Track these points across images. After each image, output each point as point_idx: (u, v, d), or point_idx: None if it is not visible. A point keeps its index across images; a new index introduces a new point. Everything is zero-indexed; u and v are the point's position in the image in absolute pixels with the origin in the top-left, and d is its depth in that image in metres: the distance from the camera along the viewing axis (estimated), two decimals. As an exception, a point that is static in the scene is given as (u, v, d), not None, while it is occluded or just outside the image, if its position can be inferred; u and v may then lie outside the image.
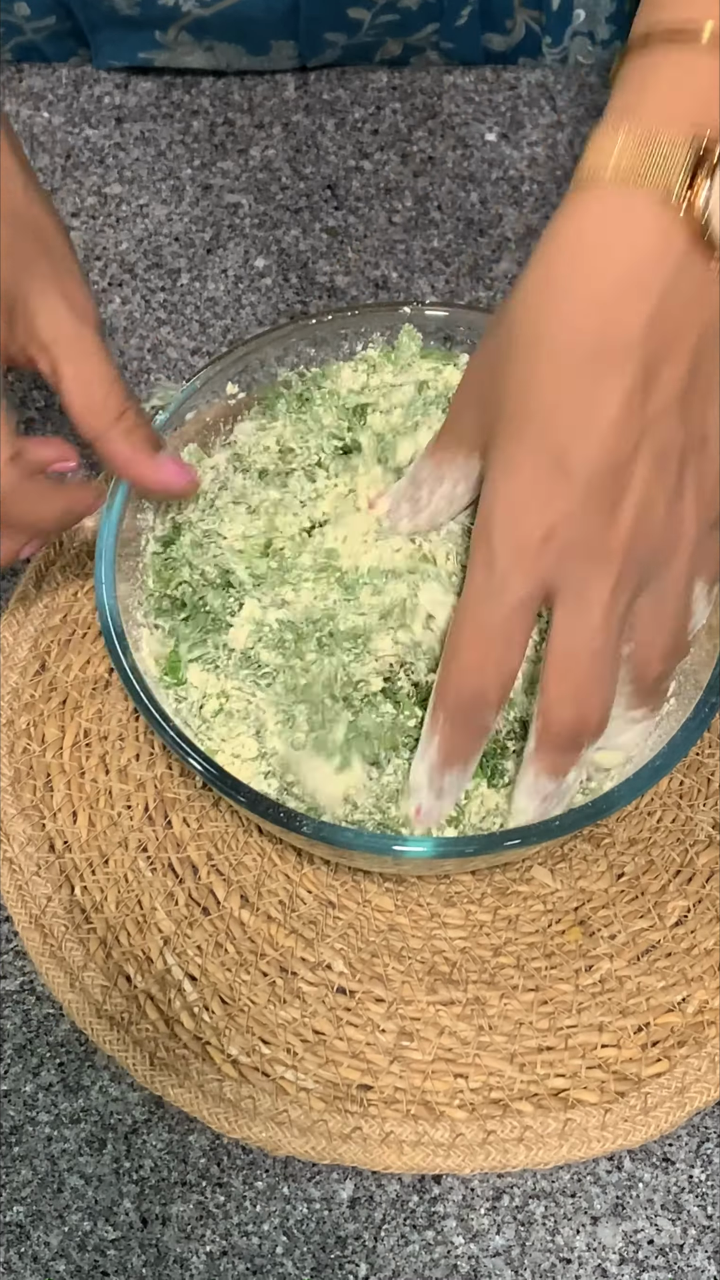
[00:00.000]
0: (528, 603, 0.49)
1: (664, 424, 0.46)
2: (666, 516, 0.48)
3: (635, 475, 0.46)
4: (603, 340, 0.45)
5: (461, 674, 0.51)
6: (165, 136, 0.84)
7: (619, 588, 0.48)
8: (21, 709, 0.65)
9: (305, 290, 0.79)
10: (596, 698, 0.50)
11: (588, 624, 0.48)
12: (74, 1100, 0.58)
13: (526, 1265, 0.55)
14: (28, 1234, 0.55)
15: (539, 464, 0.47)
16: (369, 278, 0.79)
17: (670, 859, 0.62)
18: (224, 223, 0.81)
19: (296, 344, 0.64)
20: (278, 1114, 0.56)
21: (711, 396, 0.47)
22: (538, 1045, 0.58)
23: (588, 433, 0.46)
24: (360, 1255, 0.55)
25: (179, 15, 0.79)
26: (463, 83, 0.87)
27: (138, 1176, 0.56)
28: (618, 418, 0.45)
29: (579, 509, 0.46)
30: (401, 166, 0.84)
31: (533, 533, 0.47)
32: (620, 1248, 0.55)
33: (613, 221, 0.45)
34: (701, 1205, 0.56)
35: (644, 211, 0.44)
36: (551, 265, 0.46)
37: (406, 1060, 0.58)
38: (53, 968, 0.59)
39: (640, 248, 0.44)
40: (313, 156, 0.84)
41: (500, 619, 0.49)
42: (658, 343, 0.45)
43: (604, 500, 0.46)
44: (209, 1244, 0.55)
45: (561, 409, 0.46)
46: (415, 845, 0.52)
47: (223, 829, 0.62)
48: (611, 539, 0.47)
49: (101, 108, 0.85)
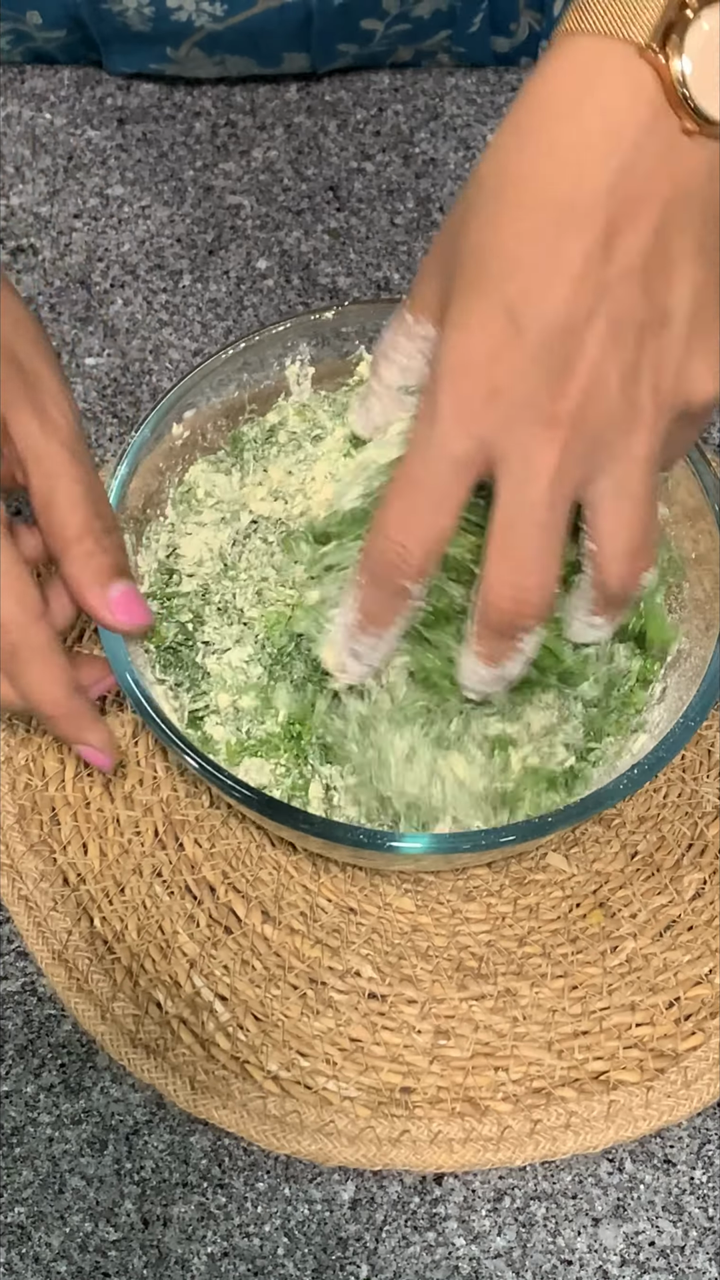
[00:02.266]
0: (465, 463, 0.46)
1: (624, 290, 0.44)
2: (621, 391, 0.45)
3: (589, 339, 0.44)
4: (566, 195, 0.43)
5: (385, 529, 0.48)
6: (167, 138, 0.85)
7: (565, 457, 0.45)
8: (18, 744, 0.64)
9: (307, 292, 0.79)
10: (536, 577, 0.47)
11: (529, 495, 0.46)
12: (75, 1101, 0.58)
13: (528, 1267, 0.55)
14: (29, 1235, 0.55)
15: (491, 317, 0.45)
16: (371, 279, 0.79)
17: (680, 833, 0.63)
18: (226, 224, 0.82)
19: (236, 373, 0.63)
20: (324, 1125, 0.56)
21: (677, 270, 0.44)
22: (573, 1030, 0.58)
23: (543, 288, 0.44)
24: (361, 1256, 0.55)
25: (192, 30, 0.79)
26: (465, 84, 0.87)
27: (139, 1178, 0.56)
28: (575, 275, 0.43)
29: (527, 367, 0.44)
30: (404, 168, 0.84)
31: (476, 388, 0.45)
32: (621, 1249, 0.55)
33: (584, 75, 0.43)
34: (703, 1207, 0.56)
35: (616, 66, 0.43)
36: (521, 120, 0.45)
37: (445, 1059, 0.58)
38: (81, 1001, 0.59)
39: (610, 102, 0.43)
40: (315, 158, 0.84)
41: (432, 475, 0.46)
42: (621, 203, 0.43)
43: (554, 361, 0.44)
44: (210, 1245, 0.55)
45: (519, 262, 0.44)
46: (410, 842, 0.52)
47: (235, 846, 0.62)
48: (559, 403, 0.45)
49: (104, 109, 0.85)
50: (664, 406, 0.46)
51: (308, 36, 0.80)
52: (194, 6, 0.77)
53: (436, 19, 0.82)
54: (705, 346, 0.46)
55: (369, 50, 0.83)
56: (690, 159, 0.43)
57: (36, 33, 0.82)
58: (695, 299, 0.45)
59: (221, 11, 0.78)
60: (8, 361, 0.54)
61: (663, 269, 0.44)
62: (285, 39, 0.81)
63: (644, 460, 0.46)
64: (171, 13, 0.78)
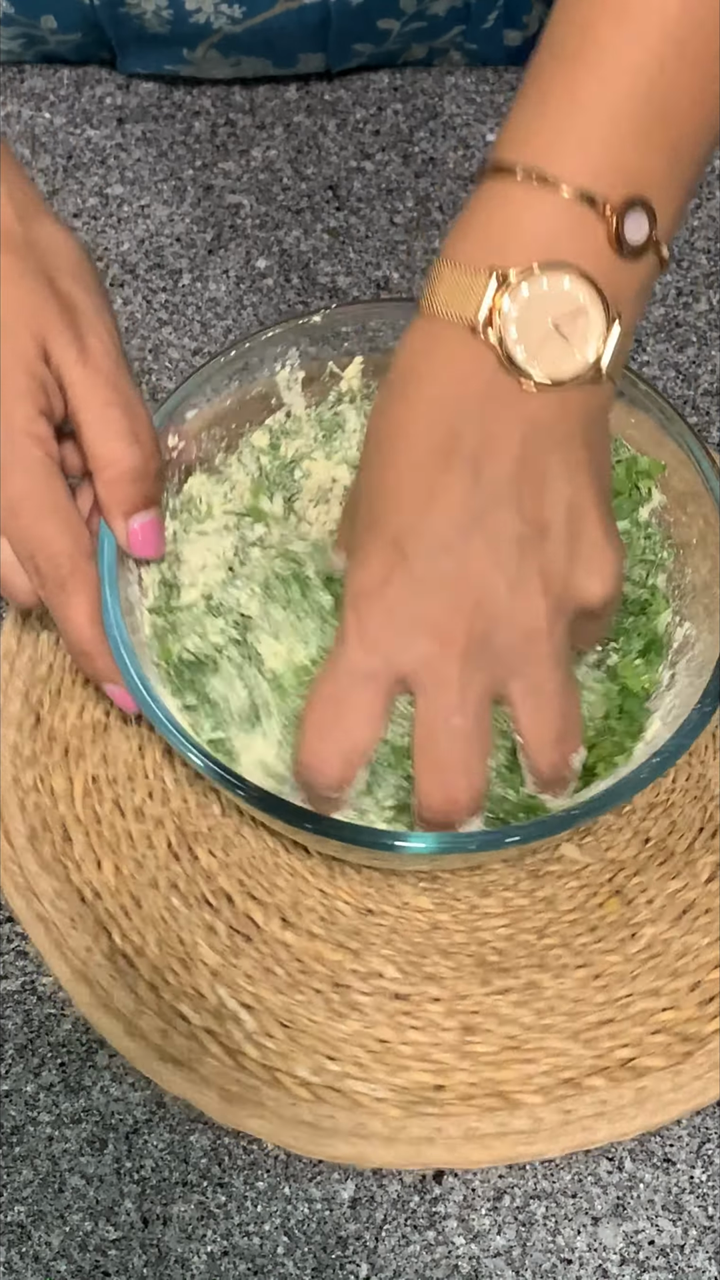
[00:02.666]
0: (371, 677, 0.51)
1: (496, 510, 0.49)
2: (511, 599, 0.50)
3: (470, 556, 0.49)
4: (436, 442, 0.50)
5: (305, 744, 0.53)
6: (167, 137, 0.85)
7: (465, 667, 0.50)
8: (25, 764, 0.64)
9: (307, 291, 0.79)
10: (462, 780, 0.51)
11: (441, 707, 0.50)
12: (75, 1100, 0.58)
13: (527, 1266, 0.55)
14: (29, 1234, 0.55)
15: (380, 549, 0.50)
16: (371, 278, 0.79)
17: (691, 818, 0.63)
18: (225, 223, 0.82)
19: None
20: (358, 1128, 0.56)
21: (548, 488, 0.50)
22: (598, 1019, 0.59)
23: (422, 516, 0.50)
24: (361, 1255, 0.55)
25: (210, 32, 0.79)
26: (464, 83, 0.87)
27: (139, 1177, 0.56)
28: (451, 503, 0.49)
29: (416, 587, 0.50)
30: (403, 167, 0.84)
31: (373, 611, 0.51)
32: (621, 1248, 0.55)
33: (435, 351, 0.50)
34: (702, 1206, 0.56)
35: (458, 341, 0.49)
36: (394, 384, 0.51)
37: (474, 1054, 0.58)
38: (105, 1019, 0.58)
39: (456, 372, 0.49)
40: (314, 157, 0.84)
41: (342, 690, 0.52)
42: (481, 443, 0.49)
43: (440, 583, 0.50)
44: (210, 1244, 0.55)
45: (401, 499, 0.50)
46: (416, 841, 0.52)
47: (249, 854, 0.62)
48: (451, 617, 0.50)
49: (103, 108, 0.85)
50: (560, 610, 0.51)
51: (324, 37, 0.81)
52: (212, 9, 0.78)
53: (452, 15, 0.82)
54: (588, 553, 0.51)
55: (384, 49, 0.84)
56: (535, 403, 0.49)
57: (50, 36, 0.82)
58: (569, 511, 0.50)
59: (240, 14, 0.78)
60: (45, 290, 0.56)
61: (533, 489, 0.49)
62: (302, 40, 0.81)
63: (549, 658, 0.51)
64: (190, 15, 0.78)
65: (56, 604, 0.57)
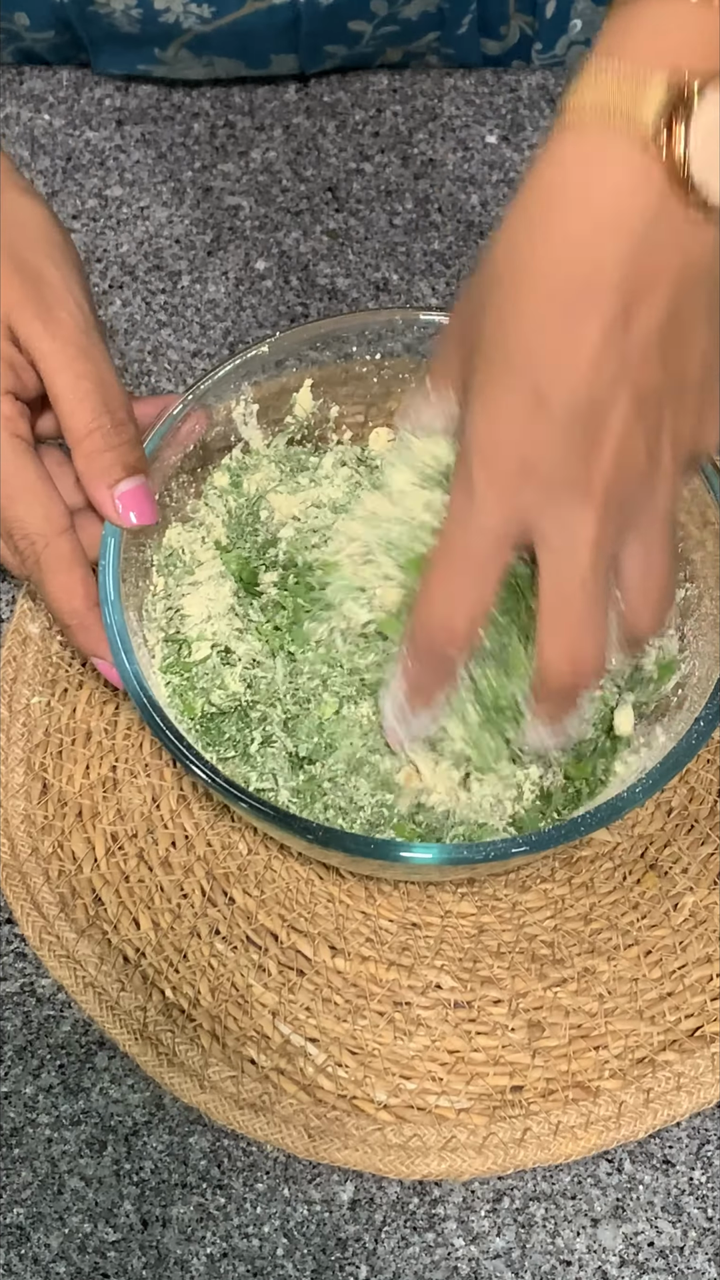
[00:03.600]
0: (503, 536, 0.48)
1: (643, 364, 0.45)
2: (647, 457, 0.47)
3: (615, 413, 0.46)
4: (582, 279, 0.45)
5: (430, 605, 0.50)
6: (166, 139, 0.85)
7: (603, 527, 0.47)
8: (41, 833, 0.63)
9: (306, 293, 0.79)
10: (591, 646, 0.49)
11: (575, 567, 0.47)
12: (74, 1102, 0.58)
13: (527, 1267, 0.55)
14: (28, 1236, 0.55)
15: (518, 397, 0.46)
16: (370, 280, 0.79)
17: (708, 781, 0.64)
18: (224, 225, 0.82)
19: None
20: (447, 1142, 0.56)
21: (690, 341, 0.46)
22: (658, 995, 0.59)
23: (567, 367, 0.45)
24: (360, 1257, 0.55)
25: (180, 32, 0.79)
26: (463, 85, 0.87)
27: (138, 1178, 0.56)
28: (597, 354, 0.45)
29: (558, 442, 0.46)
30: (402, 169, 0.84)
31: (509, 463, 0.47)
32: (620, 1250, 0.55)
33: (592, 162, 0.44)
34: (702, 1207, 0.56)
35: (622, 153, 0.44)
36: (533, 206, 0.46)
37: (545, 1050, 0.58)
38: (176, 1076, 0.57)
39: (618, 189, 0.44)
40: (313, 159, 0.84)
41: (473, 549, 0.48)
42: (635, 283, 0.44)
43: (583, 436, 0.46)
44: (209, 1246, 0.55)
45: (543, 344, 0.45)
46: (421, 852, 0.52)
47: (284, 887, 0.62)
48: (593, 476, 0.46)
49: (102, 110, 0.85)
50: (680, 462, 0.48)
51: (295, 38, 0.81)
52: (181, 8, 0.77)
53: (425, 21, 0.81)
54: (712, 401, 0.48)
55: (357, 51, 0.83)
56: (697, 239, 0.44)
57: (25, 33, 0.82)
58: (704, 362, 0.47)
59: (209, 13, 0.78)
60: (8, 265, 0.56)
61: (678, 340, 0.46)
62: (273, 40, 0.81)
63: (666, 513, 0.49)
64: (159, 15, 0.78)
65: (36, 582, 0.58)
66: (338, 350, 0.64)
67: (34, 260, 0.57)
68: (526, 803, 0.57)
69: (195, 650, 0.59)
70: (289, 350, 0.63)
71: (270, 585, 0.61)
